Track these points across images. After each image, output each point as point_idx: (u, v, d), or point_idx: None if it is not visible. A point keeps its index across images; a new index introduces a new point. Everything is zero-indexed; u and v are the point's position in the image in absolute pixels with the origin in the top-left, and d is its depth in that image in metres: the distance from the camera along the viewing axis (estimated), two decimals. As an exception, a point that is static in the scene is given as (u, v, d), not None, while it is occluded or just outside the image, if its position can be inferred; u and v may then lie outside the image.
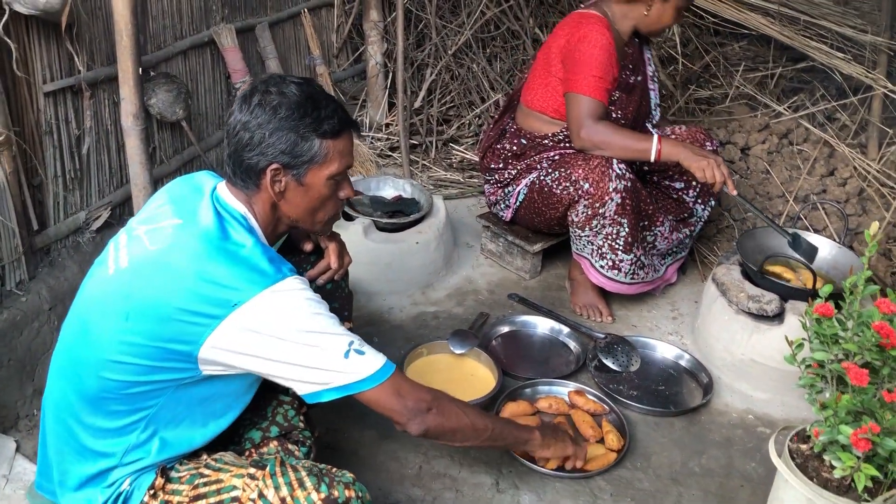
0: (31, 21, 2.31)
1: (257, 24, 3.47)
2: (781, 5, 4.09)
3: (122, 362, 1.57)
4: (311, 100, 1.66)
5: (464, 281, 3.10)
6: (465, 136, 4.07)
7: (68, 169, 2.53)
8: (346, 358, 1.59)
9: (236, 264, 1.56)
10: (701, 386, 2.61)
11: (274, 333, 1.55)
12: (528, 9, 4.22)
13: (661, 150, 2.65)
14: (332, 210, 1.78)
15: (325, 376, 1.60)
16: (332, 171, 1.69)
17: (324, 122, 1.65)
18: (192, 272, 1.55)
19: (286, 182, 1.67)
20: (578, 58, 2.74)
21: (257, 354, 1.57)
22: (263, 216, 1.71)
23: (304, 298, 1.59)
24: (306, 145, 1.64)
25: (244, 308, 1.53)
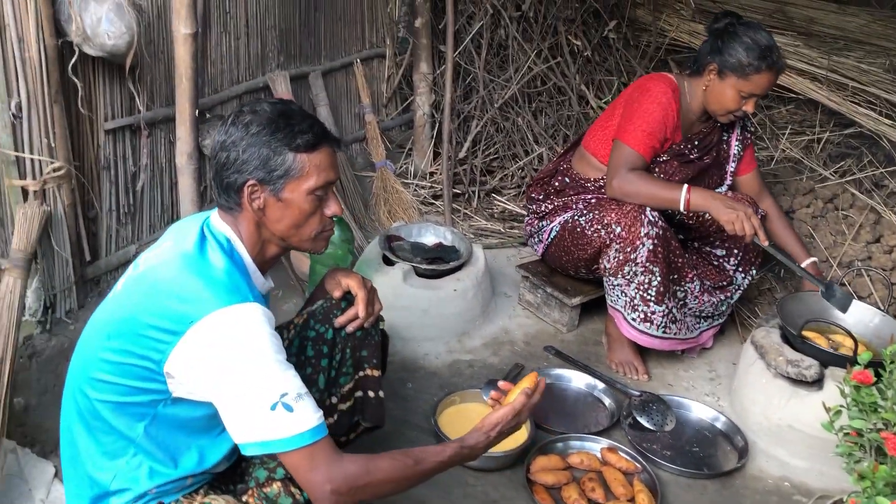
0: (97, 62, 2.43)
1: (311, 73, 3.59)
2: (830, 71, 4.10)
3: (103, 381, 1.61)
4: (284, 115, 1.68)
5: (500, 331, 3.11)
6: (508, 187, 4.11)
7: (122, 203, 2.63)
8: (273, 410, 1.52)
9: (202, 282, 1.57)
10: (736, 449, 2.56)
11: (216, 357, 1.53)
12: (575, 66, 4.29)
13: (689, 199, 2.65)
14: (316, 226, 1.75)
15: (245, 421, 1.54)
16: (310, 185, 1.68)
17: (297, 136, 1.66)
18: (162, 289, 1.58)
19: (264, 198, 1.68)
20: (635, 109, 2.78)
21: (203, 377, 1.56)
22: (249, 237, 1.73)
23: (254, 330, 1.55)
24: (279, 159, 1.65)
25: (198, 325, 1.53)
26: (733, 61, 2.70)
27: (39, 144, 2.28)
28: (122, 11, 2.27)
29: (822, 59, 4.14)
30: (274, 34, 3.30)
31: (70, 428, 1.72)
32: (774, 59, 2.69)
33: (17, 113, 2.23)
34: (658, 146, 2.80)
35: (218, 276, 1.60)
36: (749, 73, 2.68)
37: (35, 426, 2.35)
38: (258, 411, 1.52)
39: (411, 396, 2.68)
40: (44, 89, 2.24)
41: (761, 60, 2.67)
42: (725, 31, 2.75)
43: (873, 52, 4.34)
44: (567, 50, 4.26)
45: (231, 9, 3.01)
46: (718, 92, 2.77)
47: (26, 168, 2.28)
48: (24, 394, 2.35)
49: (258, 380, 1.52)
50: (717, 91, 2.77)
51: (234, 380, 1.53)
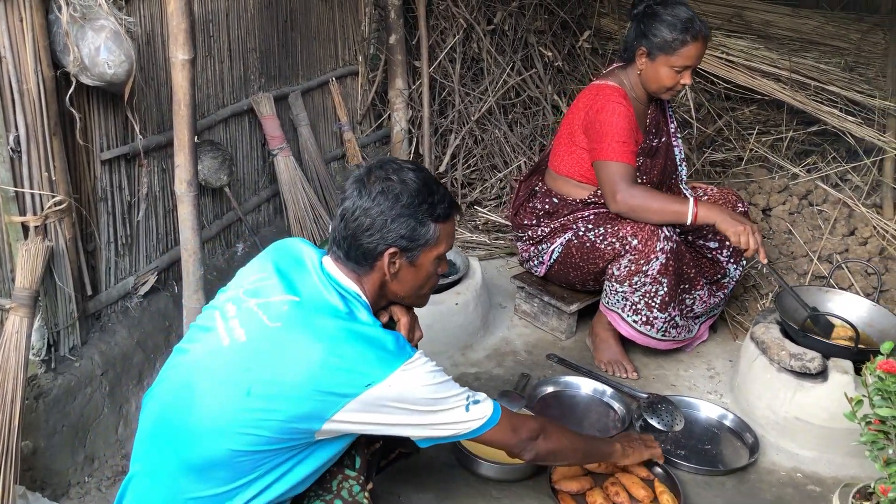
0: (92, 91, 2.38)
1: (290, 93, 3.56)
2: (792, 71, 4.24)
3: (239, 433, 1.59)
4: (427, 185, 1.77)
5: (501, 342, 3.12)
6: (489, 198, 4.14)
7: (120, 234, 2.57)
8: (468, 411, 1.75)
9: (366, 345, 1.63)
10: (746, 445, 2.62)
11: (405, 406, 1.66)
12: (547, 76, 4.35)
13: (697, 213, 2.72)
14: (433, 285, 1.90)
15: (450, 429, 1.75)
16: (440, 251, 1.81)
17: (438, 206, 1.76)
18: (323, 353, 1.59)
19: (400, 264, 1.77)
20: (600, 128, 2.83)
21: (384, 423, 1.67)
22: (372, 294, 1.81)
23: (428, 371, 1.70)
24: (423, 230, 1.75)
25: (377, 387, 1.61)
26: (659, 41, 2.77)
27: (39, 178, 2.21)
28: (120, 39, 2.23)
29: (784, 61, 4.28)
30: (255, 56, 3.27)
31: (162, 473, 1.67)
32: (698, 29, 2.76)
33: (16, 147, 2.16)
34: (636, 150, 2.86)
35: (379, 337, 1.67)
36: (676, 47, 2.75)
37: (45, 469, 2.28)
38: (457, 417, 1.74)
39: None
40: (42, 122, 2.18)
41: (685, 33, 2.74)
42: (646, 14, 2.82)
43: (828, 52, 4.50)
44: (539, 61, 4.31)
45: (215, 33, 2.98)
46: (653, 73, 2.83)
47: (26, 203, 2.22)
48: (33, 436, 2.27)
49: (448, 400, 1.72)
50: (651, 73, 2.84)
51: (425, 411, 1.69)
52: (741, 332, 3.22)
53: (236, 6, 3.11)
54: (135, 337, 2.60)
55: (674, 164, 3.10)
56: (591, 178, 2.93)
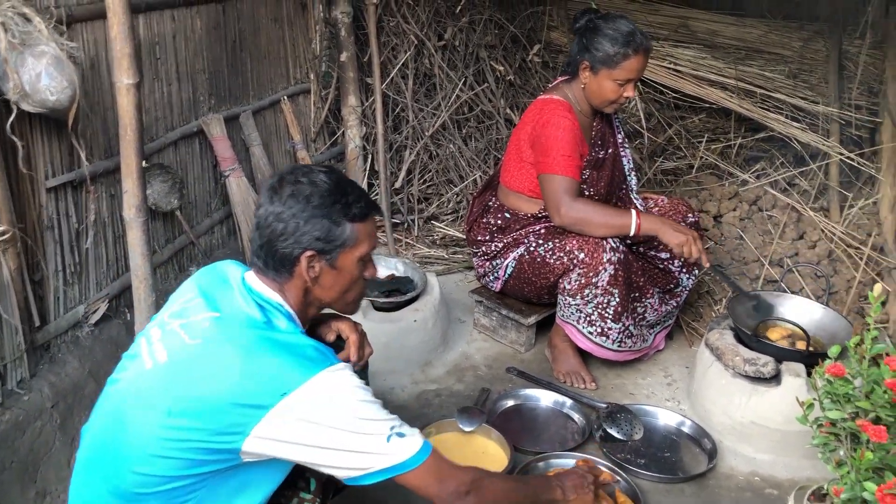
0: (34, 118, 2.33)
1: (241, 113, 3.53)
2: (738, 80, 4.33)
3: (164, 457, 1.56)
4: (339, 186, 1.73)
5: (461, 357, 3.12)
6: (446, 213, 4.15)
7: (68, 263, 2.52)
8: (388, 442, 1.61)
9: (284, 353, 1.59)
10: (704, 451, 2.65)
11: (319, 421, 1.57)
12: (500, 90, 4.38)
13: (640, 224, 2.76)
14: (360, 290, 1.84)
15: (367, 461, 1.61)
16: (361, 252, 1.76)
17: (352, 206, 1.72)
18: (240, 364, 1.56)
19: (320, 267, 1.72)
20: (545, 142, 2.86)
21: (301, 442, 1.57)
22: (296, 302, 1.75)
23: (351, 385, 1.62)
24: (338, 230, 1.70)
25: (292, 396, 1.55)
26: (601, 55, 2.81)
27: (-19, 209, 2.16)
28: (61, 65, 2.19)
29: (730, 69, 4.37)
30: (204, 77, 3.24)
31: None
32: (639, 42, 2.80)
33: (-44, 178, 2.11)
34: (581, 164, 2.89)
35: (298, 345, 1.63)
36: (619, 61, 2.79)
37: (-5, 507, 2.21)
38: (376, 446, 1.60)
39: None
40: (-18, 151, 2.14)
41: (626, 46, 2.78)
42: (588, 28, 2.86)
43: (773, 60, 4.61)
44: (491, 75, 4.34)
45: (161, 55, 2.94)
46: (596, 86, 2.87)
47: (-33, 235, 2.16)
48: (-22, 471, 2.20)
49: (369, 424, 1.60)
50: (594, 86, 2.87)
51: (342, 431, 1.58)
52: (697, 339, 3.26)
53: (183, 28, 3.08)
54: (86, 367, 2.54)
55: (622, 175, 3.14)
56: (540, 192, 2.95)
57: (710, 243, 3.68)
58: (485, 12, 4.34)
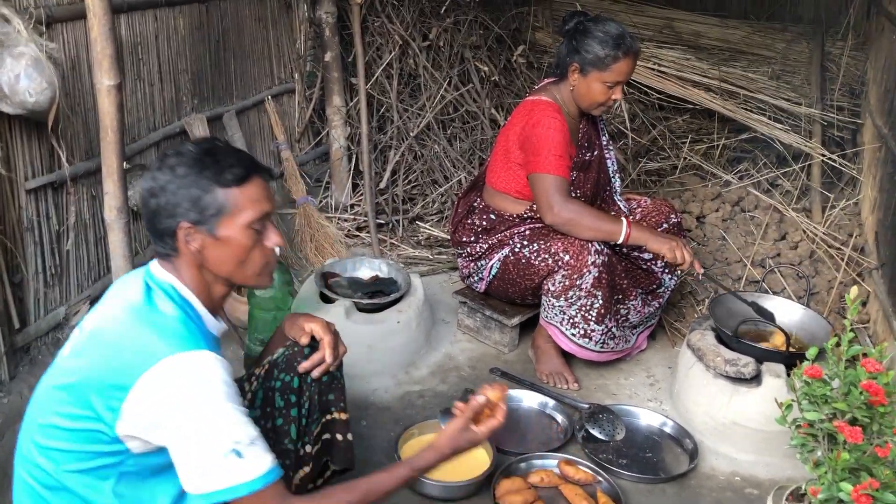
0: (13, 119, 2.32)
1: (225, 113, 3.53)
2: (721, 81, 4.36)
3: (59, 450, 1.57)
4: (210, 153, 1.65)
5: (444, 357, 3.13)
6: (430, 213, 4.15)
7: (49, 265, 2.51)
8: (224, 458, 1.51)
9: (152, 332, 1.56)
10: (686, 451, 2.67)
11: (169, 403, 1.51)
12: (485, 91, 4.38)
13: (629, 234, 2.78)
14: (260, 260, 1.72)
15: (199, 473, 1.53)
16: (245, 219, 1.65)
17: (225, 171, 1.63)
18: (112, 345, 1.56)
19: (201, 239, 1.64)
20: (536, 142, 2.86)
21: (157, 424, 1.53)
22: (193, 281, 1.69)
23: (206, 377, 1.54)
24: (209, 197, 1.61)
25: (149, 373, 1.51)
26: (591, 57, 2.82)
27: (-41, 211, 2.15)
28: (41, 66, 2.18)
29: (713, 70, 4.40)
30: (187, 77, 3.23)
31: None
32: (629, 45, 2.82)
33: (-66, 180, 2.10)
34: (570, 164, 2.90)
35: (169, 324, 1.58)
36: (608, 63, 2.81)
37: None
38: (211, 459, 1.51)
39: (367, 434, 2.66)
40: (-39, 153, 2.12)
41: (616, 49, 2.80)
42: (577, 31, 2.87)
43: (756, 61, 4.64)
44: (476, 76, 4.35)
45: (143, 55, 2.94)
46: (585, 89, 2.88)
47: (-54, 237, 2.15)
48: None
49: (211, 427, 1.52)
50: (583, 88, 2.89)
51: (186, 427, 1.51)
52: (679, 339, 3.27)
53: (165, 28, 3.07)
54: (67, 369, 2.53)
55: (607, 177, 3.15)
56: (528, 193, 2.96)
57: (693, 244, 3.69)
58: (469, 13, 4.34)
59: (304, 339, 1.98)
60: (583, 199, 2.99)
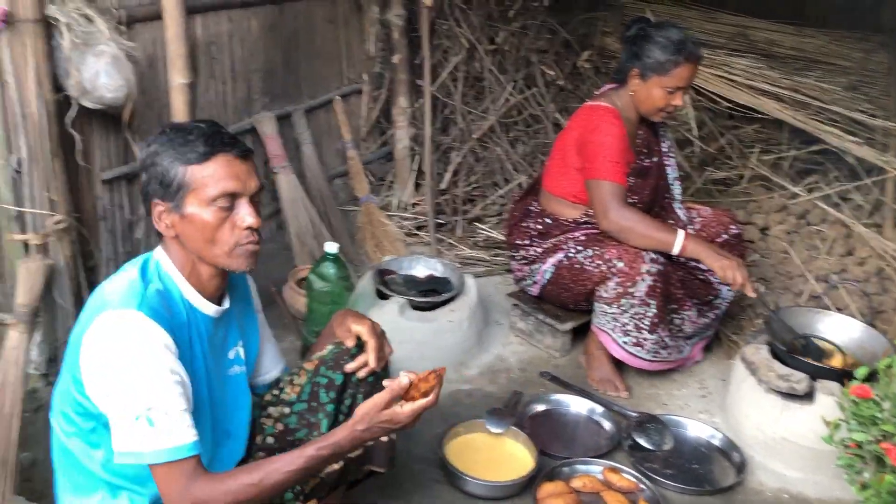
0: (93, 113, 2.46)
1: (294, 112, 3.63)
2: (793, 91, 4.26)
3: (63, 413, 1.67)
4: (179, 132, 1.68)
5: (495, 359, 3.16)
6: (490, 215, 4.19)
7: (120, 252, 2.64)
8: (136, 421, 1.54)
9: (104, 291, 1.65)
10: (734, 465, 2.64)
11: (95, 362, 1.58)
12: (550, 95, 4.39)
13: (686, 246, 2.75)
14: (228, 239, 1.68)
15: (118, 431, 1.57)
16: (207, 196, 1.64)
17: (188, 149, 1.64)
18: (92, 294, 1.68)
19: (171, 219, 1.68)
20: (593, 148, 2.87)
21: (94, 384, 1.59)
22: (179, 259, 1.73)
23: (134, 337, 1.57)
24: (171, 174, 1.64)
25: (89, 331, 1.59)
26: (651, 61, 2.82)
27: (41, 198, 2.29)
28: (119, 64, 2.31)
29: (785, 80, 4.30)
30: (258, 77, 3.35)
31: (54, 469, 1.75)
32: (690, 50, 2.80)
33: (19, 168, 2.25)
34: (628, 171, 2.90)
35: (119, 286, 1.64)
36: (669, 68, 2.80)
37: (43, 481, 2.33)
38: (125, 420, 1.55)
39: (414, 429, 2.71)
40: (44, 144, 2.26)
41: (678, 54, 2.78)
42: (638, 36, 2.87)
43: (832, 71, 4.52)
44: (541, 80, 4.36)
45: (217, 55, 3.06)
46: (646, 94, 2.88)
47: (27, 222, 2.30)
48: (32, 448, 2.33)
49: (127, 388, 1.55)
50: (644, 93, 2.88)
51: (106, 385, 1.57)
52: (735, 352, 3.22)
53: (239, 29, 3.19)
54: (133, 351, 2.66)
55: (666, 184, 3.13)
56: (584, 198, 2.97)
57: (755, 256, 3.63)
58: (538, 17, 4.36)
59: (350, 342, 1.99)
60: (640, 206, 2.98)
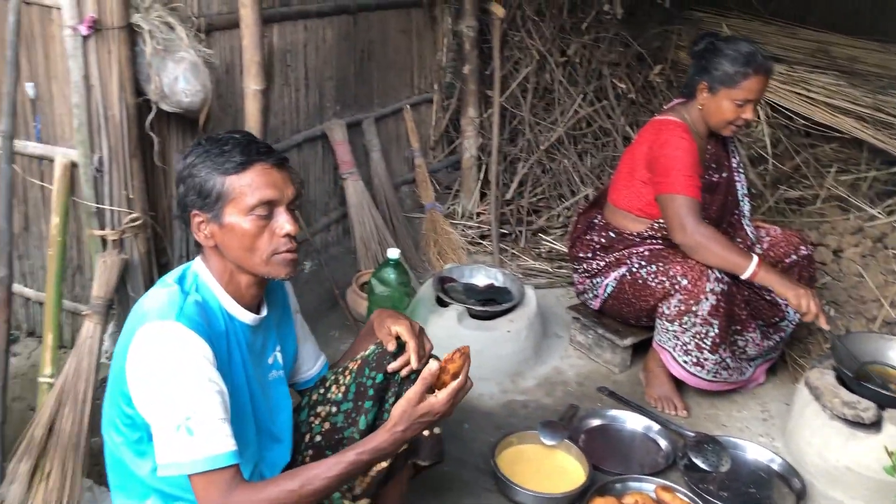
0: (171, 116, 2.56)
1: (364, 119, 3.71)
2: (875, 110, 4.13)
3: (113, 422, 1.71)
4: (215, 143, 1.71)
5: (553, 371, 3.16)
6: (554, 226, 4.18)
7: (193, 250, 2.74)
8: (177, 432, 1.55)
9: (155, 301, 1.65)
10: (793, 491, 2.57)
11: (138, 373, 1.60)
12: (620, 108, 4.37)
13: (757, 273, 2.69)
14: (266, 247, 1.71)
15: (159, 443, 1.58)
16: (245, 205, 1.67)
17: (225, 160, 1.67)
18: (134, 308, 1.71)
19: (210, 229, 1.71)
20: (665, 162, 2.84)
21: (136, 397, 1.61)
22: (218, 268, 1.76)
23: (172, 347, 1.59)
24: (209, 185, 1.67)
25: (136, 336, 1.61)
26: (720, 74, 2.78)
27: (119, 196, 2.41)
28: (197, 70, 2.40)
29: (867, 98, 4.18)
30: (331, 85, 3.43)
31: (107, 475, 1.81)
32: (760, 62, 2.76)
33: (100, 167, 2.36)
34: (701, 185, 2.85)
35: (158, 297, 1.66)
36: (738, 80, 2.76)
37: (110, 465, 2.45)
38: (165, 431, 1.56)
39: (468, 437, 2.74)
40: (124, 145, 2.38)
41: (747, 66, 2.74)
42: (707, 50, 2.84)
43: (918, 90, 4.37)
44: (612, 93, 4.34)
45: (292, 62, 3.15)
46: (714, 107, 2.84)
47: (105, 219, 2.41)
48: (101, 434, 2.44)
49: (167, 398, 1.56)
50: (713, 107, 2.84)
51: (148, 396, 1.58)
52: (801, 376, 3.14)
53: (314, 38, 3.28)
54: (200, 346, 2.76)
55: (735, 200, 3.08)
56: (650, 212, 2.95)
57: (826, 278, 3.53)
58: (610, 30, 4.34)
59: (391, 346, 1.98)
60: (706, 222, 2.93)
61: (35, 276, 2.69)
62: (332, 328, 3.28)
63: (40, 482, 2.19)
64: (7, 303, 2.17)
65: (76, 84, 2.28)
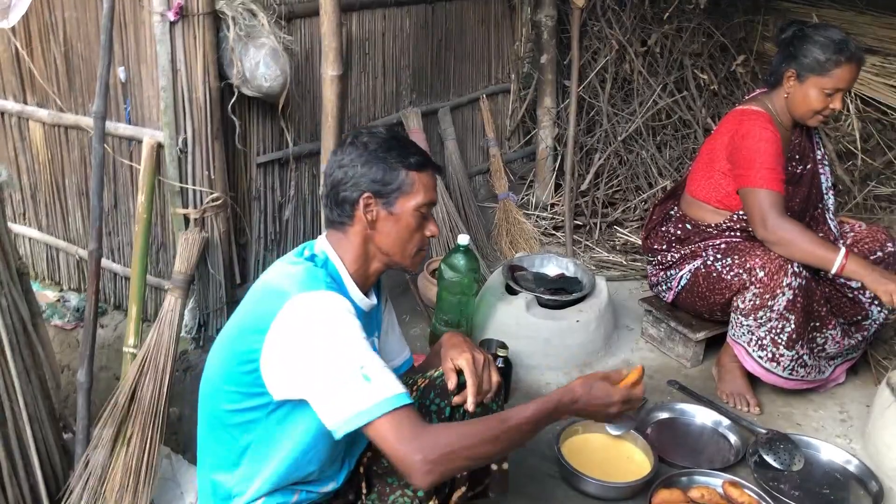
0: (252, 101, 2.65)
1: (440, 108, 3.74)
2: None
3: (223, 389, 1.75)
4: (397, 139, 1.83)
5: (622, 363, 3.13)
6: (630, 219, 4.13)
7: (270, 231, 2.84)
8: (353, 381, 1.56)
9: (288, 278, 1.71)
10: (870, 494, 2.48)
11: (297, 338, 1.62)
12: (701, 99, 4.28)
13: (845, 265, 2.60)
14: (418, 243, 1.85)
15: (333, 402, 1.58)
16: (418, 201, 1.79)
17: (410, 155, 1.79)
18: (260, 293, 1.75)
19: (377, 211, 1.78)
20: (747, 154, 2.77)
21: (290, 364, 1.63)
22: (355, 250, 1.82)
23: (333, 310, 1.64)
24: (394, 174, 1.77)
25: (280, 313, 1.63)
26: (809, 61, 2.69)
27: (201, 177, 2.51)
28: (277, 56, 2.48)
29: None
30: (408, 73, 3.48)
31: (201, 435, 1.87)
32: (852, 51, 2.66)
33: (184, 148, 2.47)
34: (784, 178, 2.77)
35: (302, 272, 1.72)
36: (829, 68, 2.67)
37: (187, 434, 2.56)
38: (341, 385, 1.57)
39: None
40: (207, 127, 2.48)
41: (839, 54, 2.65)
42: (795, 37, 2.75)
43: None
44: (693, 84, 4.25)
45: (370, 51, 3.21)
46: (801, 96, 2.75)
47: (188, 198, 2.52)
48: (179, 404, 2.56)
49: (338, 354, 1.59)
50: (799, 95, 2.75)
51: (316, 357, 1.60)
52: (884, 377, 3.02)
53: (392, 27, 3.33)
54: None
55: (819, 194, 2.98)
56: (729, 204, 2.88)
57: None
58: (693, 20, 4.25)
59: (451, 384, 1.87)
60: (790, 214, 2.85)
61: (122, 251, 2.83)
62: (403, 312, 3.32)
63: (122, 447, 2.30)
64: (96, 276, 2.29)
65: (163, 68, 2.39)
